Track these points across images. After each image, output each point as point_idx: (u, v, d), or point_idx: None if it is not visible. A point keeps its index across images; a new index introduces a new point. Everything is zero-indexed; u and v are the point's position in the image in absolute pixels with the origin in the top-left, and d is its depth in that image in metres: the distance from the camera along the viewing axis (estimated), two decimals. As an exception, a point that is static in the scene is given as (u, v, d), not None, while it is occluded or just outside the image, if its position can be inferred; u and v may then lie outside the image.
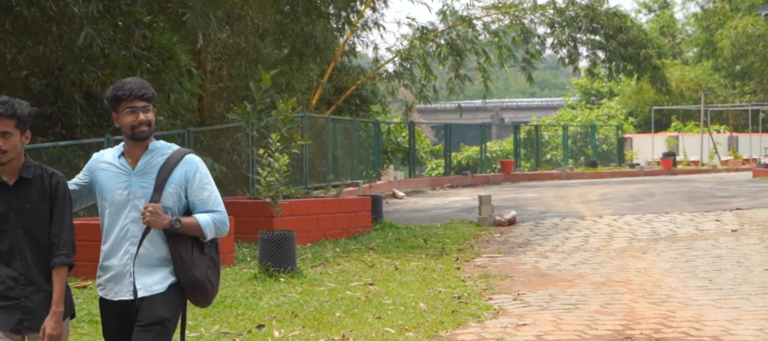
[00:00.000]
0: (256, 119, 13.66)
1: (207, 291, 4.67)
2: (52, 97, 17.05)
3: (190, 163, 4.70)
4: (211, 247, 4.71)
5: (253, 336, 8.11)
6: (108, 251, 4.65)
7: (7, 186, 4.53)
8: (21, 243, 4.50)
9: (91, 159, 4.83)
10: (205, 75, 22.69)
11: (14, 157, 4.49)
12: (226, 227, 4.72)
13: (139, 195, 4.62)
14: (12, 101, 4.49)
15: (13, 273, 4.50)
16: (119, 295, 4.62)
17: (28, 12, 14.76)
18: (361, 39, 31.26)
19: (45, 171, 4.60)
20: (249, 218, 14.06)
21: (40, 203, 4.53)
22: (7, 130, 4.44)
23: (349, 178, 23.39)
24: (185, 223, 4.59)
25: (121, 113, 4.61)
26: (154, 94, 4.64)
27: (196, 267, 4.62)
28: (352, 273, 11.78)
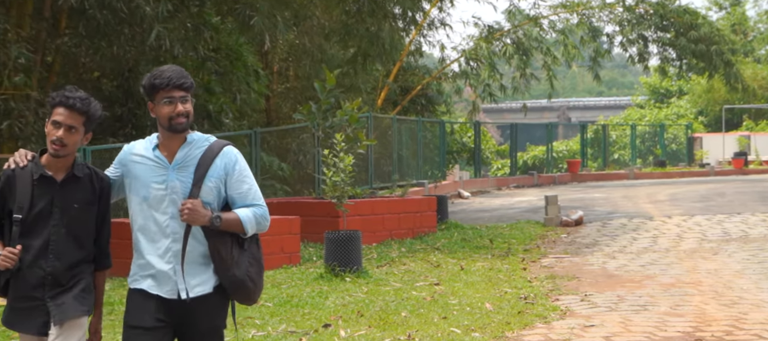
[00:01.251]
0: (321, 119, 13.72)
1: (248, 289, 4.44)
2: (123, 98, 17.34)
3: (229, 155, 4.46)
4: (251, 243, 4.48)
5: (320, 336, 8.14)
6: (145, 249, 4.40)
7: (53, 181, 4.36)
8: (60, 243, 4.35)
9: (121, 151, 4.56)
10: (272, 76, 22.87)
11: (70, 153, 4.36)
12: (266, 222, 4.50)
13: (177, 190, 4.37)
14: (90, 98, 4.39)
15: (39, 272, 4.33)
16: (161, 292, 4.40)
17: (101, 14, 15.05)
18: (427, 39, 31.17)
19: (93, 172, 4.47)
20: (315, 218, 14.13)
21: (90, 204, 4.41)
22: (75, 125, 4.31)
23: (415, 178, 23.37)
24: (225, 219, 4.35)
25: (157, 103, 4.35)
26: (192, 83, 4.40)
27: (237, 265, 4.40)
28: (418, 273, 11.77)
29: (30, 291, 4.32)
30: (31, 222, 4.31)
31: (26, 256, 4.31)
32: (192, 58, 16.81)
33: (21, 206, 4.31)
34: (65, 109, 4.29)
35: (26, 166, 4.37)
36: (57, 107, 4.31)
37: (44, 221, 4.33)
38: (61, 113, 4.29)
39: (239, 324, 8.63)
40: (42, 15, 15.50)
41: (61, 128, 4.28)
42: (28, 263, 4.31)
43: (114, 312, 9.24)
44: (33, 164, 4.37)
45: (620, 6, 30.27)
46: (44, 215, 4.32)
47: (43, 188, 4.33)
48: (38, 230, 4.32)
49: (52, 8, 15.50)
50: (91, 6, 14.87)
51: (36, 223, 4.32)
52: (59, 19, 15.89)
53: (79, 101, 4.31)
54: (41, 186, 4.33)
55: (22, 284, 4.32)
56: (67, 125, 4.28)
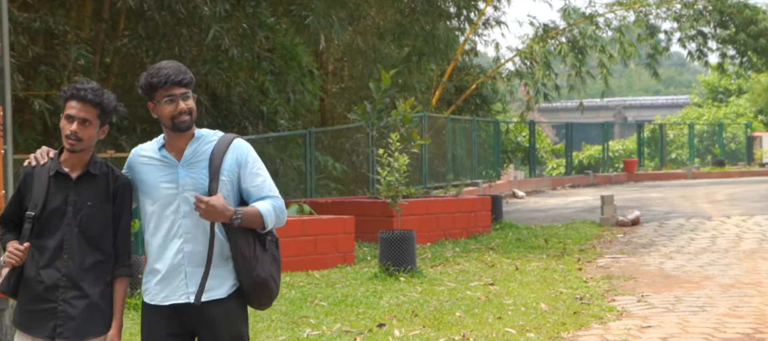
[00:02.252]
0: (375, 119, 13.74)
1: (271, 290, 4.23)
2: (179, 99, 17.51)
3: (240, 148, 4.24)
4: (271, 242, 4.27)
5: (374, 335, 8.15)
6: (157, 253, 4.21)
7: (67, 178, 4.19)
8: (73, 242, 4.15)
9: (130, 154, 4.37)
10: (327, 76, 22.95)
11: (86, 148, 4.18)
12: (284, 216, 4.26)
13: (188, 187, 4.16)
14: (102, 89, 4.20)
15: (54, 273, 4.13)
16: (171, 299, 4.17)
17: (159, 15, 15.25)
18: (482, 38, 31.06)
19: (110, 170, 4.27)
20: (369, 218, 14.16)
21: (103, 203, 4.20)
22: (89, 118, 4.12)
23: (469, 178, 23.30)
24: (246, 214, 4.12)
25: (158, 102, 4.13)
26: (192, 78, 4.18)
27: (260, 265, 4.17)
28: (472, 273, 11.73)
29: (44, 292, 4.13)
30: (46, 221, 4.16)
31: (41, 257, 4.14)
32: (247, 58, 16.94)
33: (35, 203, 4.16)
34: (77, 102, 4.12)
35: (46, 163, 4.22)
36: (69, 101, 4.14)
37: (58, 220, 4.16)
38: (74, 106, 4.12)
39: (294, 323, 8.67)
40: (101, 17, 15.74)
41: (75, 122, 4.11)
42: (43, 263, 4.14)
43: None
44: (52, 161, 4.23)
45: (678, 2, 29.90)
46: (59, 213, 4.16)
47: (59, 186, 4.18)
48: (52, 229, 4.15)
49: (111, 10, 15.74)
50: (150, 7, 15.08)
51: (50, 222, 4.16)
52: (118, 20, 16.12)
53: (91, 92, 4.13)
54: (57, 183, 4.18)
55: (37, 285, 4.14)
56: (80, 118, 4.11)
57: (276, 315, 9.00)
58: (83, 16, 15.53)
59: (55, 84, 14.54)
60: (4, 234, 4.25)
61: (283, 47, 18.50)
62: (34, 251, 4.14)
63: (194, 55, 16.47)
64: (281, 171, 17.94)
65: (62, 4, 15.35)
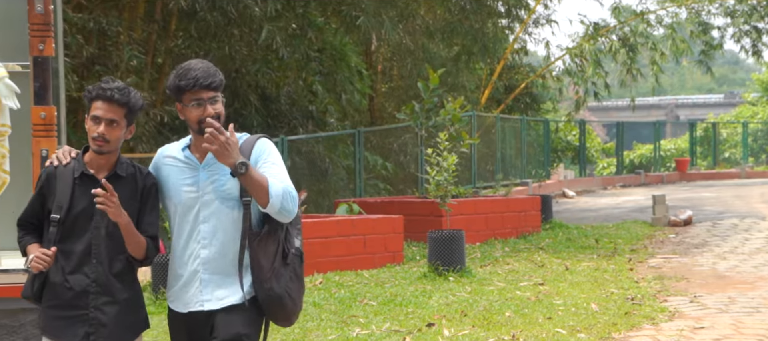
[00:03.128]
0: (424, 119, 13.73)
1: (286, 307, 4.02)
2: (230, 98, 17.67)
3: (263, 145, 4.08)
4: (295, 257, 4.07)
5: (423, 335, 8.14)
6: (178, 258, 4.09)
7: (95, 180, 4.03)
8: (101, 246, 4.02)
9: (156, 154, 4.24)
10: (376, 75, 22.99)
11: (114, 149, 4.05)
12: (292, 207, 3.95)
13: (208, 190, 4.02)
14: (128, 88, 4.04)
15: (83, 279, 4.00)
16: (189, 306, 4.05)
17: (211, 16, 15.40)
18: (532, 37, 30.88)
19: (138, 170, 4.14)
20: (418, 217, 14.16)
21: (130, 203, 4.04)
22: (116, 118, 3.98)
23: (519, 177, 23.21)
24: (252, 171, 3.87)
25: (185, 105, 3.97)
26: (222, 80, 4.01)
27: (276, 279, 3.98)
28: (522, 273, 11.68)
29: (73, 299, 4.00)
30: (72, 224, 4.02)
31: (67, 262, 4.01)
32: (297, 58, 17.03)
33: (60, 206, 4.02)
34: (104, 102, 3.97)
35: (68, 164, 4.07)
36: (95, 101, 3.99)
37: (85, 223, 4.02)
38: (100, 106, 3.97)
39: (343, 322, 8.70)
40: (153, 17, 15.92)
41: (102, 123, 3.96)
42: (70, 269, 4.00)
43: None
44: (75, 161, 4.08)
45: (732, -3, 29.44)
46: (85, 216, 4.02)
47: (85, 188, 4.02)
48: (79, 233, 4.02)
49: (163, 11, 15.91)
50: (202, 8, 15.23)
51: (76, 225, 4.02)
52: (170, 21, 16.29)
53: (117, 92, 3.98)
54: (82, 185, 4.03)
55: (65, 291, 4.00)
56: (107, 119, 3.96)
57: (325, 315, 9.03)
58: (136, 16, 15.72)
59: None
60: (23, 236, 4.11)
61: (332, 47, 18.56)
62: (59, 255, 4.00)
63: (244, 55, 16.60)
64: (331, 171, 18.01)
65: (115, 5, 15.55)
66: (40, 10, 5.23)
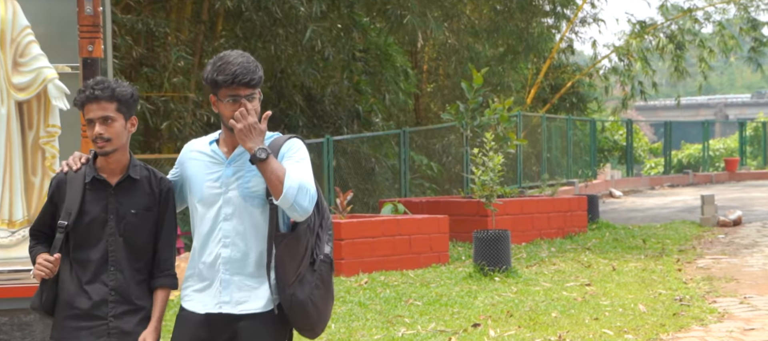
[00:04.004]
0: (469, 119, 13.69)
1: (310, 316, 3.80)
2: (276, 99, 17.76)
3: (291, 143, 3.89)
4: (323, 264, 3.85)
5: (469, 335, 8.12)
6: (197, 256, 3.90)
7: (106, 185, 3.90)
8: (118, 253, 3.86)
9: (183, 149, 4.04)
10: (422, 75, 22.98)
11: (118, 147, 3.87)
12: (309, 203, 3.71)
13: (233, 186, 3.82)
14: (108, 80, 3.89)
15: (102, 288, 3.85)
16: (207, 307, 3.84)
17: (257, 16, 15.49)
18: (578, 36, 30.61)
19: (152, 173, 3.98)
20: (463, 217, 14.13)
21: (147, 210, 3.91)
22: (108, 114, 3.82)
23: (565, 177, 23.08)
24: (272, 159, 3.69)
25: (221, 99, 3.77)
26: (261, 77, 3.80)
27: (300, 285, 3.76)
28: (568, 273, 11.60)
29: (92, 308, 3.84)
30: (85, 232, 3.86)
31: (84, 271, 3.86)
32: (341, 58, 17.07)
33: (68, 212, 3.86)
34: (90, 103, 3.84)
35: (79, 169, 3.93)
36: (84, 106, 3.87)
37: (100, 230, 3.86)
38: (90, 108, 3.84)
39: (389, 322, 8.70)
40: (200, 18, 16.06)
41: (96, 124, 3.83)
42: (87, 278, 3.85)
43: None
44: (87, 167, 3.93)
45: (781, -6, 29.00)
46: (99, 223, 3.87)
47: (96, 193, 3.89)
48: (94, 241, 3.86)
49: (210, 12, 16.04)
50: (247, 8, 15.33)
51: (91, 232, 3.86)
52: (216, 21, 16.42)
53: (98, 88, 3.83)
54: (94, 191, 3.89)
55: (83, 302, 3.85)
56: (99, 117, 3.82)
57: (371, 314, 9.04)
58: (183, 18, 15.87)
59: (156, 85, 14.89)
60: (34, 246, 3.96)
61: (377, 47, 18.59)
62: (74, 265, 3.86)
63: (289, 55, 16.68)
64: (376, 170, 18.03)
65: (163, 6, 15.71)
66: (89, 11, 5.29)
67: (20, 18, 5.69)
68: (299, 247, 3.77)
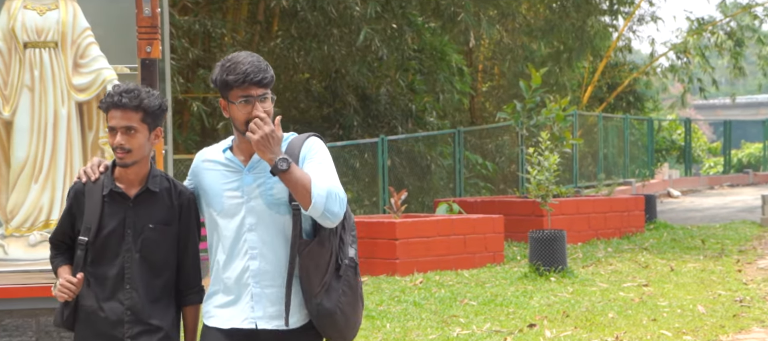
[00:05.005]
0: (525, 118, 13.64)
1: (338, 324, 3.61)
2: (330, 99, 17.83)
3: (310, 144, 3.66)
4: (349, 268, 3.66)
5: (525, 336, 8.08)
6: (221, 271, 3.66)
7: (125, 198, 3.69)
8: (134, 270, 3.66)
9: (194, 159, 3.82)
10: (477, 74, 22.93)
11: (139, 159, 3.66)
12: (340, 208, 3.52)
13: (254, 195, 3.60)
14: (139, 89, 3.67)
15: (118, 307, 3.65)
16: (232, 322, 3.63)
17: (311, 15, 15.58)
18: (636, 34, 30.31)
19: (173, 185, 3.75)
20: (519, 217, 14.08)
21: (166, 224, 3.70)
22: (132, 124, 3.61)
23: (621, 177, 22.86)
24: (295, 168, 3.48)
25: (231, 101, 3.56)
26: (273, 77, 3.59)
27: (327, 293, 3.57)
28: (625, 274, 11.49)
29: (108, 328, 3.65)
30: (102, 246, 3.67)
31: (101, 288, 3.67)
32: (395, 58, 17.09)
33: (88, 227, 3.67)
34: (116, 109, 3.63)
35: (98, 179, 3.72)
36: (109, 111, 3.66)
37: (116, 246, 3.67)
38: (113, 115, 3.63)
39: (444, 321, 8.69)
40: (256, 19, 16.18)
41: (118, 133, 3.62)
42: (104, 295, 3.66)
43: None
44: (105, 177, 3.72)
45: None
46: (116, 238, 3.67)
47: (115, 206, 3.68)
48: (110, 256, 3.68)
49: (265, 12, 16.16)
50: (303, 8, 15.42)
51: (107, 247, 3.67)
52: (272, 22, 16.54)
53: (126, 96, 3.62)
54: (112, 204, 3.69)
55: (99, 320, 3.67)
56: (122, 127, 3.61)
57: (426, 314, 9.04)
58: (239, 18, 16.01)
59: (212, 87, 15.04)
60: (55, 257, 3.79)
61: (432, 47, 18.58)
62: (92, 280, 3.68)
63: (344, 55, 16.74)
64: (431, 170, 18.03)
65: (220, 7, 15.86)
66: (147, 13, 5.36)
67: (80, 20, 5.78)
68: (323, 254, 3.58)
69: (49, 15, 5.74)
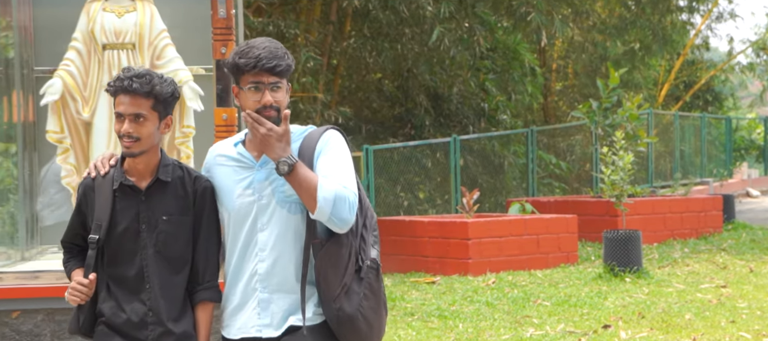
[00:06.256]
0: (601, 118, 13.50)
1: (360, 330, 3.35)
2: (402, 98, 17.85)
3: (327, 138, 3.40)
4: (371, 270, 3.38)
5: (599, 337, 7.99)
6: (232, 275, 3.43)
7: (136, 191, 3.45)
8: (151, 268, 3.43)
9: (207, 154, 3.59)
10: (550, 74, 22.78)
11: (147, 149, 3.42)
12: (349, 213, 3.26)
13: (267, 192, 3.36)
14: (151, 74, 3.42)
15: (141, 307, 3.42)
16: (243, 331, 3.40)
17: (383, 15, 15.62)
18: (713, 32, 29.77)
19: (186, 172, 3.50)
20: (592, 217, 13.96)
21: (181, 215, 3.46)
22: (141, 112, 3.37)
23: (698, 176, 22.49)
24: (300, 168, 3.25)
25: (242, 88, 3.32)
26: (289, 66, 3.33)
27: (347, 297, 3.32)
28: (702, 275, 11.30)
29: (131, 330, 3.43)
30: (118, 246, 3.43)
31: (120, 290, 3.44)
32: (467, 57, 17.05)
33: (98, 224, 3.42)
34: (125, 95, 3.38)
35: (107, 173, 3.48)
36: (116, 96, 3.41)
37: (133, 244, 3.43)
38: (122, 101, 3.39)
39: (517, 322, 8.64)
40: (328, 19, 16.28)
41: (126, 120, 3.38)
42: (125, 297, 3.43)
43: (395, 308, 9.52)
44: (115, 170, 3.48)
45: None
46: (131, 235, 3.43)
47: (126, 201, 3.44)
48: (127, 254, 3.44)
49: (338, 12, 16.24)
50: (375, 7, 15.48)
51: (123, 245, 3.43)
52: (344, 22, 16.62)
53: (136, 81, 3.37)
54: (123, 198, 3.45)
55: (120, 323, 3.44)
56: (131, 114, 3.37)
57: (498, 314, 8.99)
58: (312, 19, 16.12)
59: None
60: (68, 260, 3.56)
61: (505, 46, 18.50)
62: (110, 282, 3.45)
63: (415, 54, 16.74)
64: (503, 169, 17.95)
65: (293, 8, 15.99)
66: (222, 14, 5.43)
67: (157, 22, 5.88)
68: (341, 254, 3.32)
69: (127, 17, 5.85)
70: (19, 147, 6.32)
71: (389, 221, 12.89)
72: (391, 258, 12.26)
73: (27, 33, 6.29)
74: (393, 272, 11.96)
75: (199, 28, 5.90)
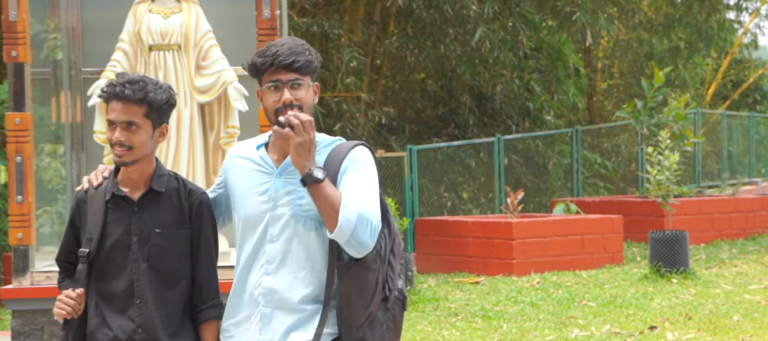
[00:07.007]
0: (646, 117, 13.39)
1: None
2: (446, 98, 17.84)
3: (355, 154, 3.19)
4: (397, 301, 3.17)
5: (645, 338, 7.93)
6: (236, 283, 3.26)
7: (129, 202, 3.30)
8: (143, 283, 3.26)
9: (227, 154, 3.43)
10: (595, 73, 22.64)
11: (140, 157, 3.27)
12: (370, 238, 3.06)
13: (283, 202, 3.16)
14: (145, 80, 3.26)
15: (128, 324, 3.25)
16: None
17: (427, 14, 15.62)
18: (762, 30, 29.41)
19: (182, 184, 3.35)
20: (638, 217, 13.85)
21: (176, 228, 3.30)
22: (134, 120, 3.22)
23: (746, 176, 22.20)
24: (327, 184, 3.04)
25: (263, 88, 3.16)
26: (310, 62, 3.16)
27: (371, 327, 3.10)
28: (751, 276, 11.16)
29: None
30: (107, 260, 3.28)
31: (109, 305, 3.28)
32: (511, 57, 17.00)
33: (90, 238, 3.28)
34: (117, 102, 3.24)
35: (101, 184, 3.34)
36: (109, 102, 3.27)
37: (123, 257, 3.28)
38: (114, 108, 3.24)
39: (562, 323, 8.59)
40: (372, 19, 16.30)
41: (117, 128, 3.23)
42: (113, 313, 3.27)
43: (439, 308, 9.51)
44: (108, 181, 3.34)
45: None
46: (122, 247, 3.27)
47: (119, 212, 3.29)
48: (117, 268, 3.28)
49: (382, 12, 16.26)
50: (418, 6, 15.47)
51: (113, 259, 3.28)
52: (388, 22, 16.63)
53: (129, 88, 3.21)
54: (116, 210, 3.30)
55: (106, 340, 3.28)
56: (123, 121, 3.22)
57: (543, 315, 8.95)
58: (355, 19, 16.15)
59: (329, 86, 15.22)
60: (63, 280, 3.40)
61: (549, 46, 18.41)
62: (98, 298, 3.29)
63: (459, 54, 16.72)
64: (549, 169, 17.87)
65: (337, 8, 16.04)
66: (267, 15, 5.46)
67: (203, 23, 5.93)
68: (368, 279, 3.10)
69: (173, 18, 5.91)
70: (66, 148, 6.41)
71: (433, 221, 12.88)
72: (434, 258, 12.24)
73: (75, 35, 6.37)
74: (437, 272, 11.95)
75: (244, 28, 5.94)
